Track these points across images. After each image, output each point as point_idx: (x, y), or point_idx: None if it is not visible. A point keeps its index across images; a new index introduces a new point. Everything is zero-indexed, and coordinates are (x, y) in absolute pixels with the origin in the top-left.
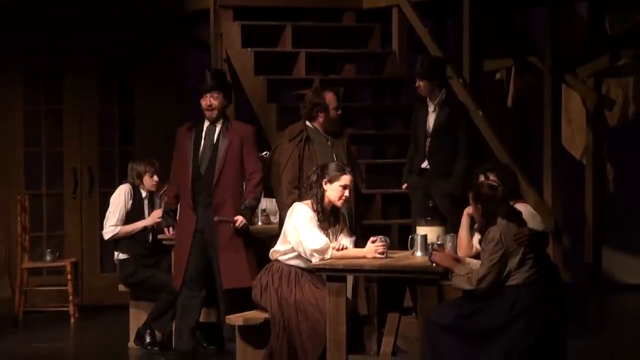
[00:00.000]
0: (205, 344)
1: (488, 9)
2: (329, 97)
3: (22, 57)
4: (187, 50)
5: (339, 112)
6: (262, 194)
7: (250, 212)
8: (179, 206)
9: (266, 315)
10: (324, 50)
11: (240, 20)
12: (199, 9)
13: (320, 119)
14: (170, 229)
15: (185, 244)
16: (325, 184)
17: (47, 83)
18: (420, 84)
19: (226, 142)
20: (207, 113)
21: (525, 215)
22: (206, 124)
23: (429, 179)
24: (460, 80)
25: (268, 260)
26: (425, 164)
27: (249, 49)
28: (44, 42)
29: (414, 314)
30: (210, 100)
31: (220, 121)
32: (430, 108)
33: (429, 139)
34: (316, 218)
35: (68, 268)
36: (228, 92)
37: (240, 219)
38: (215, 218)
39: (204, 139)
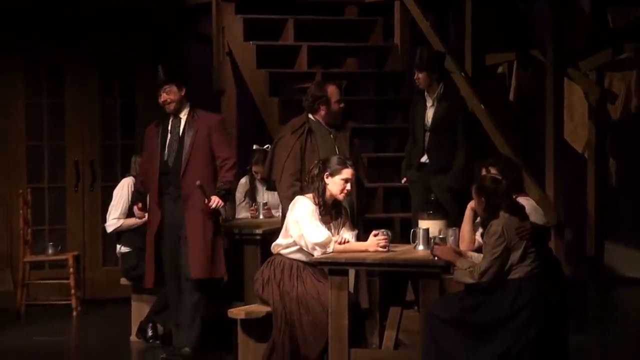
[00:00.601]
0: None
1: (490, 2)
2: (331, 90)
3: (22, 51)
4: (189, 44)
5: (341, 105)
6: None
7: (225, 194)
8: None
9: (268, 308)
10: (326, 44)
11: (242, 13)
12: (200, 3)
13: (322, 112)
14: (140, 205)
15: (151, 241)
16: (327, 177)
17: (49, 77)
18: (419, 76)
19: (192, 132)
20: (166, 108)
21: (527, 209)
22: (172, 118)
23: (428, 173)
24: (462, 74)
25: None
26: (424, 159)
27: (251, 43)
28: (44, 36)
29: (415, 308)
30: (164, 96)
31: (185, 112)
32: (429, 102)
33: (427, 134)
34: (318, 212)
35: (70, 261)
36: (181, 82)
37: (215, 199)
38: (197, 182)
39: (170, 132)
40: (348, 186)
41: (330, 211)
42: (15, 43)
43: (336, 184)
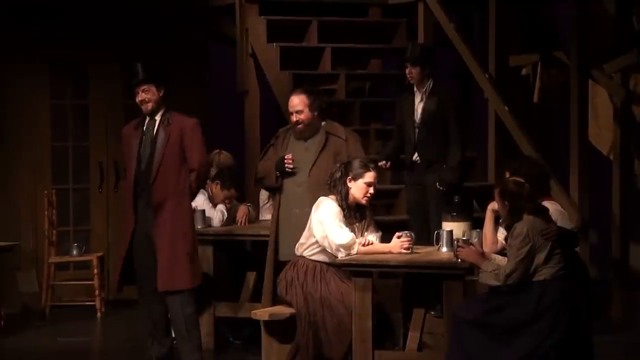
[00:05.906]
0: (231, 339)
1: (515, 3)
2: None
3: (47, 53)
4: (213, 45)
5: (294, 116)
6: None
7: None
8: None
9: (292, 310)
10: (350, 45)
11: (266, 15)
12: (224, 4)
13: None
14: None
15: (122, 247)
16: (350, 181)
17: (73, 79)
18: (412, 71)
19: (164, 136)
20: (142, 108)
21: (554, 213)
22: (147, 119)
23: (421, 172)
24: (487, 76)
25: None
26: (415, 157)
27: (275, 44)
28: (68, 38)
29: (432, 313)
30: (142, 95)
31: (160, 114)
32: (418, 98)
33: (417, 130)
34: (342, 213)
35: (94, 262)
36: (160, 82)
37: None
38: None
39: (145, 134)
40: (371, 190)
41: (354, 214)
42: (40, 45)
43: (359, 188)
